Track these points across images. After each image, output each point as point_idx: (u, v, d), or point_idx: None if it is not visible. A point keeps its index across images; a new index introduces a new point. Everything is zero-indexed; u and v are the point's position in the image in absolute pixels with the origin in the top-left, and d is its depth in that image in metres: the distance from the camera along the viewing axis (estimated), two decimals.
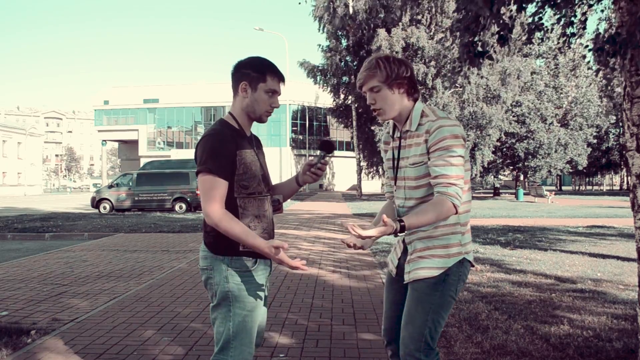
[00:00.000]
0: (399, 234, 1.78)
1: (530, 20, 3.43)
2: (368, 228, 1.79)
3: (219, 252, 1.92)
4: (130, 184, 19.84)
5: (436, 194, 1.85)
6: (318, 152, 2.15)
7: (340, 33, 32.19)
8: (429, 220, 1.80)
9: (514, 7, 3.21)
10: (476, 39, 3.37)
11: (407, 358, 1.96)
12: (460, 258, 1.93)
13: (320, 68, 33.41)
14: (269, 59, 2.01)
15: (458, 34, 3.43)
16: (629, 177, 3.03)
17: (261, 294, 2.01)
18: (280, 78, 2.00)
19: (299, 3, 26.43)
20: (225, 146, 1.88)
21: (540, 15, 3.36)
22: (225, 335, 1.92)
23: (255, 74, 1.96)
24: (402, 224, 1.76)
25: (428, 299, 1.92)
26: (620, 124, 37.96)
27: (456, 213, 1.85)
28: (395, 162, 2.05)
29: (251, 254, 1.94)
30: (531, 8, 3.38)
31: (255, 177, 1.97)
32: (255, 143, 2.08)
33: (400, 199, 2.03)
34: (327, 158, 2.14)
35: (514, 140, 30.15)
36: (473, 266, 2.04)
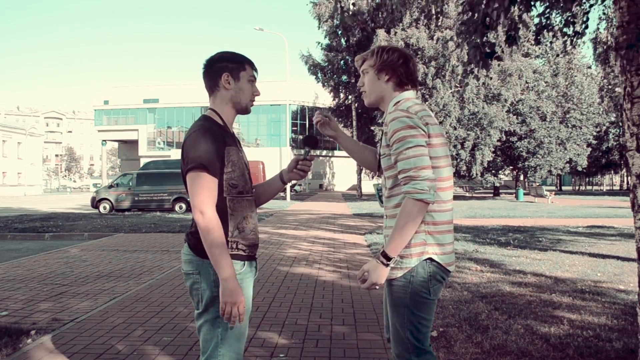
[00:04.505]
0: (389, 263, 1.81)
1: (537, 20, 3.43)
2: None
3: (206, 255, 1.79)
4: (130, 184, 19.83)
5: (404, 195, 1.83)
6: (303, 149, 2.12)
7: (340, 32, 32.18)
8: (400, 229, 1.78)
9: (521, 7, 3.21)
10: (484, 40, 3.37)
11: (398, 359, 1.95)
12: (424, 258, 1.85)
13: (321, 65, 33.41)
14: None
15: (466, 35, 3.43)
16: (629, 177, 3.03)
17: (249, 298, 1.92)
18: (255, 67, 2.00)
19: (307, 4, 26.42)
20: (215, 142, 1.80)
21: (548, 15, 3.36)
22: (214, 343, 1.82)
23: (234, 64, 1.93)
24: (385, 253, 1.80)
25: (399, 300, 1.89)
26: (620, 124, 37.97)
27: (427, 204, 1.77)
28: None
29: (239, 257, 1.85)
30: (538, 9, 3.38)
31: (243, 175, 1.90)
32: (237, 140, 2.00)
33: (383, 189, 2.04)
34: (312, 153, 2.11)
35: (515, 139, 30.19)
36: (447, 270, 1.91)
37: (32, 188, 54.23)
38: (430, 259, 1.87)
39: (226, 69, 1.92)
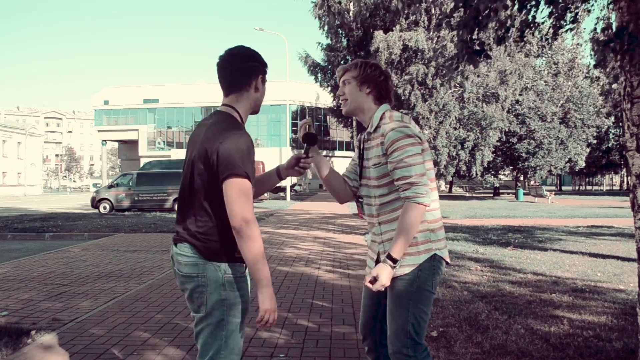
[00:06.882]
0: (395, 265, 1.92)
1: (522, 18, 3.41)
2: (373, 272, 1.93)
3: (215, 257, 1.77)
4: (130, 184, 19.84)
5: (402, 201, 1.95)
6: (304, 147, 2.13)
7: (340, 32, 32.16)
8: (406, 231, 1.89)
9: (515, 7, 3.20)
10: (474, 36, 3.36)
11: (396, 355, 2.01)
12: (431, 254, 2.00)
13: (321, 65, 33.40)
14: None
15: (456, 31, 3.43)
16: (629, 177, 3.03)
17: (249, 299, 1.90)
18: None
19: None
20: (252, 148, 1.76)
21: (534, 14, 3.35)
22: (217, 347, 1.79)
23: (263, 66, 1.89)
24: (392, 256, 1.91)
25: (406, 295, 2.00)
26: (620, 124, 37.97)
27: (425, 206, 1.91)
28: (360, 161, 2.19)
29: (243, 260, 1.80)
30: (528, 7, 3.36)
31: (254, 179, 1.87)
32: None
33: (365, 197, 2.15)
34: (311, 151, 2.12)
35: (515, 140, 30.18)
36: (448, 263, 2.08)
37: (32, 188, 54.23)
38: (435, 255, 2.01)
39: (259, 71, 1.88)
